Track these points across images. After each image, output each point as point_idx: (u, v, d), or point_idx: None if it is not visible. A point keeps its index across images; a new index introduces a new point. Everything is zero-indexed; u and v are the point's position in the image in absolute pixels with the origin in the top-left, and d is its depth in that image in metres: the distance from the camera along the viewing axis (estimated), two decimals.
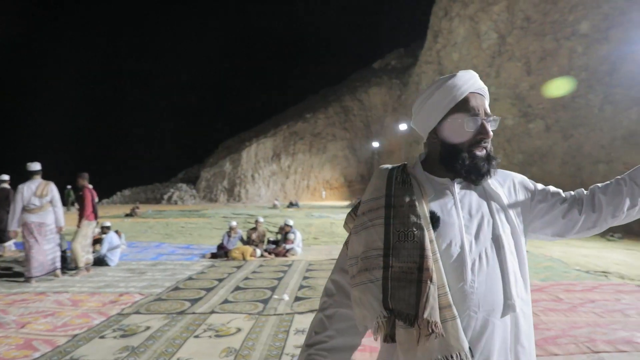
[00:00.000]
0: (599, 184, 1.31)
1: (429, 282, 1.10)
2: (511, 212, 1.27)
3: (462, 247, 1.18)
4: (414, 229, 1.16)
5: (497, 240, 1.21)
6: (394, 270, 1.14)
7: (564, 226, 1.31)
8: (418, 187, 1.25)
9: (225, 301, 5.57)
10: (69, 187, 25.31)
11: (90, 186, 7.72)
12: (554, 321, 4.58)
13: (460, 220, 1.21)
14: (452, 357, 1.07)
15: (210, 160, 43.60)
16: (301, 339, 4.10)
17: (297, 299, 5.66)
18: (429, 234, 1.16)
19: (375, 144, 44.64)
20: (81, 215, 7.45)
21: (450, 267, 1.16)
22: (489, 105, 1.33)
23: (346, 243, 1.34)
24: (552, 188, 1.35)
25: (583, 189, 1.34)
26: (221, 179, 39.60)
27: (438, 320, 1.08)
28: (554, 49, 16.97)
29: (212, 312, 5.08)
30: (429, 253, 1.13)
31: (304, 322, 4.69)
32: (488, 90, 1.35)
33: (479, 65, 21.67)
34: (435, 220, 1.20)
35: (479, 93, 1.27)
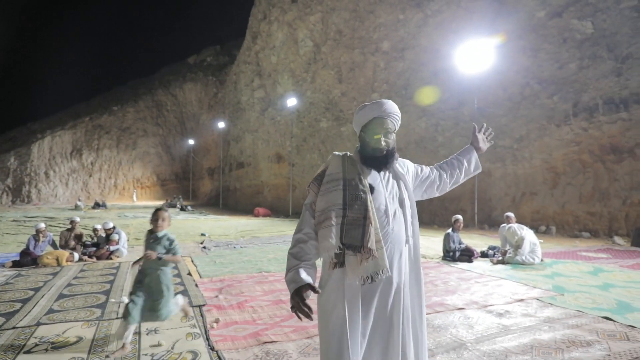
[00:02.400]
0: (444, 161, 2.35)
1: (370, 225, 1.86)
2: (409, 185, 2.10)
3: (386, 206, 1.97)
4: (361, 194, 1.93)
5: (402, 202, 2.03)
6: (348, 219, 1.88)
7: (433, 190, 2.29)
8: (360, 168, 2.02)
9: (51, 311, 4.89)
10: None
11: None
12: None
13: (384, 190, 2.01)
14: (380, 271, 1.85)
15: None
16: (156, 338, 3.93)
17: None
18: (369, 198, 1.93)
19: (191, 142, 43.36)
20: None
21: (380, 218, 1.93)
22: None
23: (307, 205, 2.03)
24: (425, 167, 2.30)
25: (437, 165, 2.33)
26: (4, 177, 33.22)
27: (374, 248, 1.84)
28: (361, 62, 19.14)
29: (39, 323, 4.43)
30: (370, 208, 1.90)
31: (154, 322, 4.46)
32: (304, 94, 2.23)
33: (296, 70, 23.02)
34: (372, 189, 1.97)
35: (382, 117, 2.03)
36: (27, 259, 7.74)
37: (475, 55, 14.07)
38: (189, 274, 6.90)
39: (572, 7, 13.02)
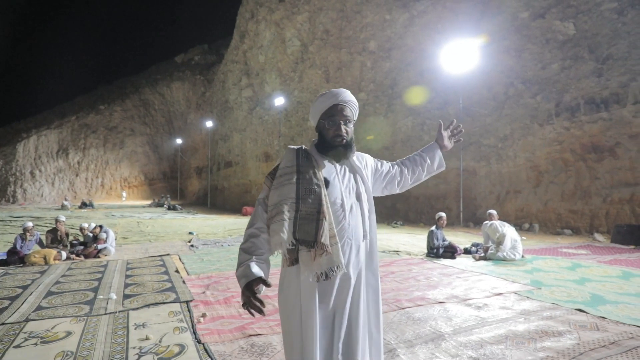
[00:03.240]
0: (407, 157, 2.29)
1: (324, 220, 1.81)
2: (366, 179, 2.05)
3: (342, 200, 1.93)
4: (315, 187, 1.87)
5: (359, 197, 1.99)
6: (301, 213, 1.82)
7: (394, 186, 2.23)
8: (315, 162, 1.96)
9: (39, 307, 4.94)
10: None
11: None
12: None
13: (340, 184, 1.96)
14: (335, 267, 1.80)
15: None
16: (144, 332, 4.02)
17: (127, 296, 5.37)
18: (324, 191, 1.88)
19: (179, 141, 43.14)
20: None
21: (335, 212, 1.89)
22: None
23: (260, 200, 1.97)
24: (386, 162, 2.24)
25: (399, 161, 2.28)
26: None
27: (328, 243, 1.79)
28: (348, 62, 19.28)
29: (27, 319, 4.48)
30: (325, 202, 1.84)
31: (142, 316, 4.54)
32: (292, 94, 2.28)
33: (284, 69, 23.07)
34: (327, 183, 1.93)
35: (340, 104, 1.97)
36: (14, 258, 7.76)
37: (461, 55, 14.29)
38: (177, 271, 6.97)
39: (555, 9, 13.29)
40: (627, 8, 11.85)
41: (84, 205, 27.98)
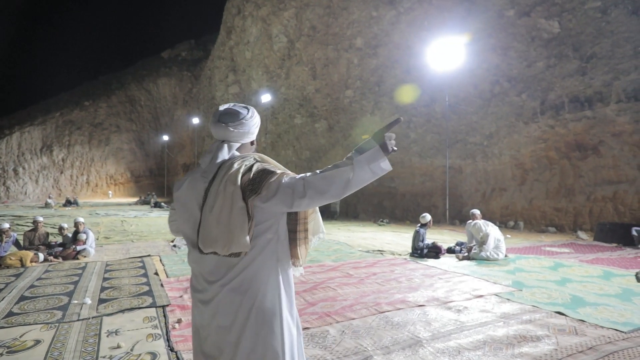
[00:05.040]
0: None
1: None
2: None
3: None
4: None
5: None
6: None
7: None
8: None
9: (10, 314, 4.79)
10: None
11: None
12: (348, 293, 5.38)
13: None
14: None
15: None
16: (116, 340, 3.91)
17: (102, 300, 5.23)
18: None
19: (165, 137, 42.69)
20: None
21: None
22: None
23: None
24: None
25: None
26: None
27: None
28: (335, 58, 19.18)
29: None
30: None
31: (116, 322, 4.42)
32: (279, 90, 2.21)
33: (271, 65, 22.90)
34: None
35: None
36: None
37: (447, 53, 14.27)
38: (156, 273, 6.84)
39: (540, 7, 13.31)
40: (610, 7, 11.90)
41: (68, 203, 27.56)
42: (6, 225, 8.20)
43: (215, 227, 1.60)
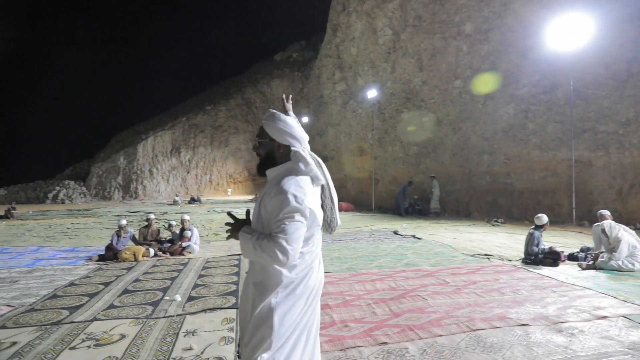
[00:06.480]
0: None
1: None
2: (261, 206, 2.11)
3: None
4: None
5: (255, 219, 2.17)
6: None
7: None
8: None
9: (111, 306, 5.11)
10: None
11: None
12: (440, 304, 4.82)
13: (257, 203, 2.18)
14: None
15: (102, 154, 40.24)
16: (191, 341, 3.90)
17: (190, 298, 5.36)
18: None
19: None
20: None
21: None
22: None
23: None
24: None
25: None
26: (115, 175, 36.75)
27: None
28: (442, 47, 18.09)
29: (94, 319, 4.62)
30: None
31: (196, 322, 4.46)
32: (385, 85, 2.01)
33: (376, 60, 22.42)
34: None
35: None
36: (110, 254, 8.31)
37: (571, 30, 12.55)
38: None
39: None
40: None
41: (192, 200, 29.99)
42: (124, 222, 8.96)
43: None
